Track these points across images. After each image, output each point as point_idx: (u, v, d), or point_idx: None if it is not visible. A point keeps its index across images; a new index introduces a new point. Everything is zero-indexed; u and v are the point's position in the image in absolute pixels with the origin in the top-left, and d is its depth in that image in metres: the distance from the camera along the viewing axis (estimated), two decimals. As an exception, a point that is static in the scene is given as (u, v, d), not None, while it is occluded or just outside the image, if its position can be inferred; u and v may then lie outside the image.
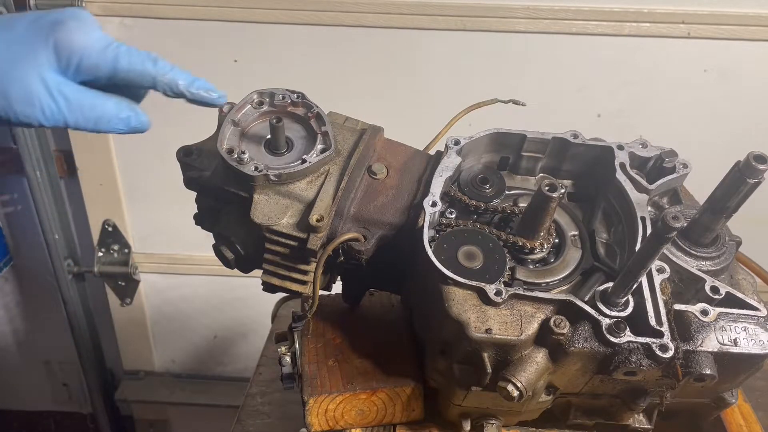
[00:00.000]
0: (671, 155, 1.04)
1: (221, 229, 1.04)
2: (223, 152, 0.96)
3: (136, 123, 0.88)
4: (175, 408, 2.72)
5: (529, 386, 0.86)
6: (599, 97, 1.94)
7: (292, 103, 1.04)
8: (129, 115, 0.87)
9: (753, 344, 0.89)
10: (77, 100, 0.83)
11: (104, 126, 0.86)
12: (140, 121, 0.89)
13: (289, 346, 1.05)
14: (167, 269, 2.41)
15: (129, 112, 0.87)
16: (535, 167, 1.09)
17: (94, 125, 0.85)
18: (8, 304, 2.61)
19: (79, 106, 0.83)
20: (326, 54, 1.93)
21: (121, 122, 0.87)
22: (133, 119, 0.88)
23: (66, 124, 0.84)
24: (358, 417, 1.03)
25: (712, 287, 0.92)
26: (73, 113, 0.83)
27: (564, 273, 0.97)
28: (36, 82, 0.80)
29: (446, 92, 1.93)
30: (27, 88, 0.80)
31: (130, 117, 0.87)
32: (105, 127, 0.86)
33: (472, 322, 0.86)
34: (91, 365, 2.62)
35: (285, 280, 1.01)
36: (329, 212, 0.96)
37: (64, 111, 0.83)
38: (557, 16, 1.81)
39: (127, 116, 0.87)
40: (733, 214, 0.94)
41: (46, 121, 0.82)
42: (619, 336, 0.85)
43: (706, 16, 1.79)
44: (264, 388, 1.43)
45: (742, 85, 1.89)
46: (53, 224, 2.27)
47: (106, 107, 0.85)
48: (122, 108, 0.86)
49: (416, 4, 1.83)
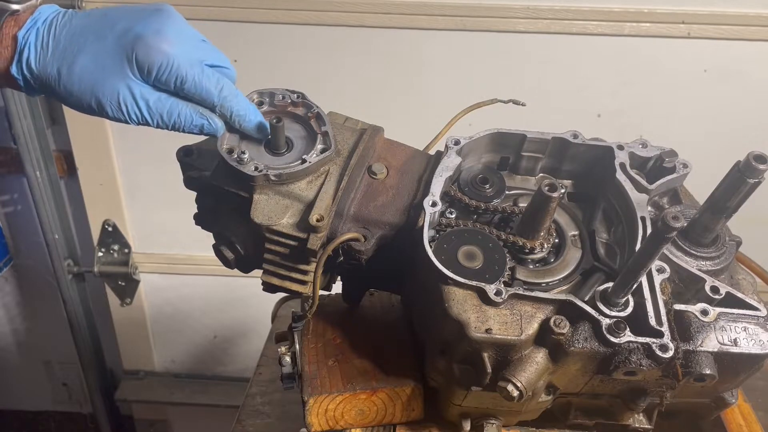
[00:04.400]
0: (671, 155, 1.04)
1: (221, 229, 1.04)
2: (223, 152, 0.96)
3: (209, 129, 0.96)
4: (175, 408, 2.72)
5: (529, 386, 0.86)
6: (599, 97, 1.94)
7: (292, 103, 1.04)
8: (202, 123, 0.95)
9: (753, 344, 0.89)
10: (157, 107, 0.92)
11: (180, 129, 0.95)
12: (213, 128, 0.96)
13: (289, 346, 1.05)
14: (167, 269, 2.41)
15: (202, 120, 0.95)
16: (535, 167, 1.09)
17: (173, 128, 0.95)
18: (8, 304, 2.61)
19: (158, 112, 0.93)
20: (326, 54, 1.93)
21: (195, 128, 0.95)
22: (207, 127, 0.95)
23: (149, 125, 0.94)
24: (358, 417, 1.03)
25: (712, 287, 0.92)
26: (153, 117, 0.93)
27: (564, 273, 0.97)
28: (123, 91, 0.90)
29: (446, 92, 1.93)
30: (116, 95, 0.90)
31: (203, 125, 0.95)
32: (181, 129, 0.95)
33: (472, 322, 0.86)
34: (91, 365, 2.62)
35: (285, 280, 1.01)
36: (329, 212, 0.96)
37: (146, 115, 0.92)
38: (557, 16, 1.81)
39: (201, 123, 0.95)
40: (733, 214, 0.94)
41: (132, 122, 0.93)
42: (619, 336, 0.85)
43: (706, 16, 1.79)
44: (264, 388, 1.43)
45: (742, 85, 1.88)
46: (53, 224, 2.27)
47: (182, 114, 0.94)
48: (195, 116, 0.94)
49: (416, 4, 1.83)
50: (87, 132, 2.13)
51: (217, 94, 0.94)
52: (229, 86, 0.95)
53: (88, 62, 0.90)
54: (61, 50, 0.91)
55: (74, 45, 0.91)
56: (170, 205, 2.22)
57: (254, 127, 0.98)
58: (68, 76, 0.90)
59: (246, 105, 0.97)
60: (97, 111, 0.92)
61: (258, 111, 0.99)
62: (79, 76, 0.90)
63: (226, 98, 0.94)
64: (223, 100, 0.94)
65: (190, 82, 0.91)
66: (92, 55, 0.90)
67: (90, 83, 0.90)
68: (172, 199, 2.18)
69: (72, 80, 0.90)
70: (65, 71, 0.90)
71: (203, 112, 0.95)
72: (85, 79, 0.90)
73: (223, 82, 0.94)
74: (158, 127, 0.95)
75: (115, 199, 2.26)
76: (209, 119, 0.95)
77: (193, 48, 0.93)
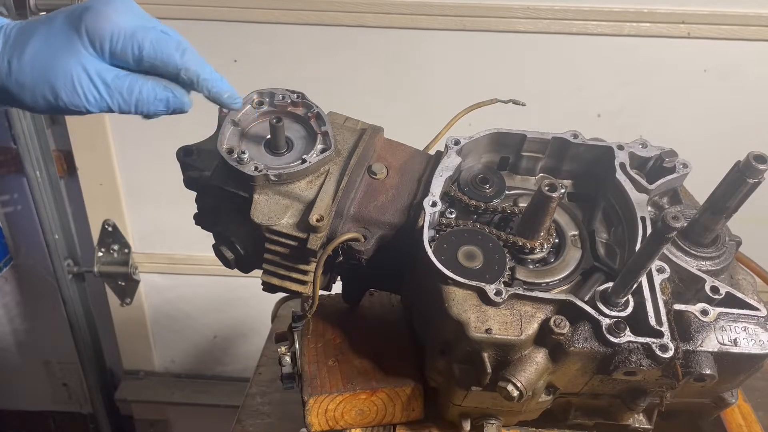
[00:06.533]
0: (671, 155, 1.04)
1: (221, 229, 1.04)
2: (223, 152, 0.96)
3: (175, 104, 0.88)
4: (175, 408, 2.71)
5: (529, 386, 0.86)
6: (599, 97, 1.94)
7: (292, 103, 1.04)
8: (167, 96, 0.87)
9: (753, 344, 0.89)
10: (116, 85, 0.84)
11: (145, 108, 0.87)
12: (180, 102, 0.89)
13: (289, 346, 1.05)
14: (167, 269, 2.41)
15: (166, 93, 0.87)
16: (535, 167, 1.09)
17: (136, 108, 0.87)
18: (8, 304, 2.61)
19: (118, 91, 0.85)
20: (326, 54, 1.93)
21: (160, 103, 0.87)
22: (172, 100, 0.88)
23: (110, 108, 0.86)
24: (358, 417, 1.03)
25: (712, 287, 0.92)
26: (113, 98, 0.85)
27: (564, 273, 0.97)
28: (77, 71, 0.83)
29: (446, 92, 1.94)
30: (69, 77, 0.83)
31: (168, 98, 0.87)
32: (146, 109, 0.87)
33: (472, 322, 0.86)
34: (91, 365, 2.62)
35: (285, 280, 1.01)
36: (329, 212, 0.96)
37: (105, 96, 0.85)
38: (557, 16, 1.81)
39: (165, 97, 0.87)
40: (733, 214, 0.94)
41: (91, 107, 0.85)
42: (619, 336, 0.85)
43: (706, 16, 1.79)
44: (264, 388, 1.43)
45: (742, 85, 1.89)
46: (53, 224, 2.27)
47: (144, 90, 0.86)
48: (158, 90, 0.87)
49: (416, 4, 1.83)
50: (87, 132, 2.13)
51: (180, 57, 0.86)
52: (192, 51, 0.88)
53: (38, 46, 0.83)
54: (11, 44, 0.84)
55: (24, 35, 0.84)
56: (170, 205, 2.22)
57: (224, 95, 0.90)
58: (18, 66, 0.83)
59: (212, 71, 0.89)
60: (53, 102, 0.84)
61: (225, 81, 0.91)
62: (31, 63, 0.83)
63: (189, 61, 0.87)
64: (186, 63, 0.86)
65: (148, 47, 0.84)
66: (42, 37, 0.83)
67: (41, 69, 0.83)
68: (172, 199, 2.18)
69: (23, 69, 0.83)
70: (15, 62, 0.83)
71: (167, 84, 0.87)
72: (37, 65, 0.83)
73: (185, 45, 0.87)
74: (120, 110, 0.87)
75: (115, 199, 2.26)
76: (173, 91, 0.88)
77: (145, 19, 0.87)
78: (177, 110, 0.90)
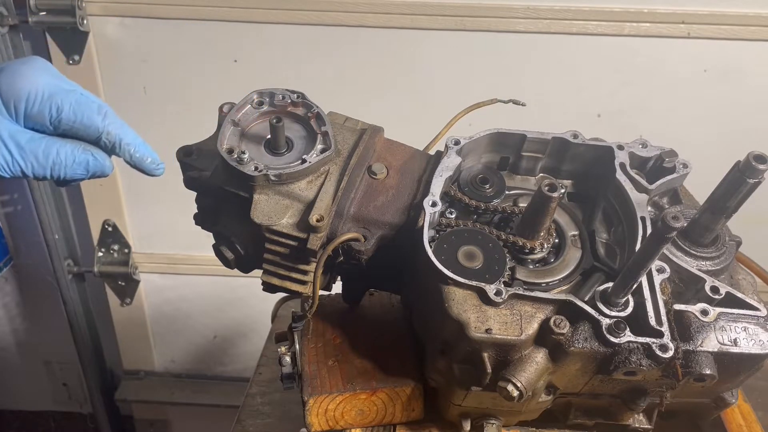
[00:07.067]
0: (671, 155, 1.04)
1: (221, 229, 1.04)
2: (223, 152, 0.96)
3: (95, 167, 0.84)
4: (175, 408, 2.72)
5: (529, 386, 0.86)
6: (599, 97, 1.94)
7: (292, 103, 1.04)
8: (86, 159, 0.83)
9: (753, 344, 0.89)
10: (30, 148, 0.79)
11: (61, 171, 0.82)
12: (101, 165, 0.84)
13: (289, 346, 1.05)
14: (167, 269, 2.41)
15: (86, 156, 0.83)
16: (535, 167, 1.09)
17: (51, 172, 0.82)
18: (8, 304, 2.61)
19: (32, 153, 0.80)
20: (326, 54, 1.93)
21: (79, 167, 0.83)
22: (92, 163, 0.84)
23: (23, 172, 0.81)
24: (358, 417, 1.03)
25: (712, 287, 0.92)
26: (27, 160, 0.80)
27: (564, 273, 0.97)
28: None
29: (446, 92, 1.93)
30: None
31: (89, 161, 0.83)
32: (63, 172, 0.83)
33: (472, 322, 0.86)
34: (91, 365, 2.62)
35: (285, 280, 1.01)
36: (329, 212, 0.96)
37: (18, 159, 0.79)
38: (557, 16, 1.81)
39: (85, 160, 0.83)
40: (733, 214, 0.94)
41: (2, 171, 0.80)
42: (619, 336, 0.85)
43: (706, 16, 1.79)
44: (264, 388, 1.43)
45: (742, 85, 1.88)
46: (53, 224, 2.27)
47: (61, 152, 0.81)
48: (77, 152, 0.82)
49: (416, 4, 1.83)
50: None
51: (101, 120, 0.82)
52: (113, 114, 0.84)
53: None
54: None
55: None
56: (170, 205, 2.21)
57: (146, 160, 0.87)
58: None
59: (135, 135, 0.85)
60: None
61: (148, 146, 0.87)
62: None
63: (111, 124, 0.83)
64: (108, 126, 0.82)
65: (67, 109, 0.79)
66: None
67: None
68: (172, 199, 2.17)
69: None
70: None
71: (86, 147, 0.83)
72: None
73: (106, 108, 0.83)
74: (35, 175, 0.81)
75: (115, 199, 2.26)
76: (93, 153, 0.83)
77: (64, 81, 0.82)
78: (97, 174, 0.85)
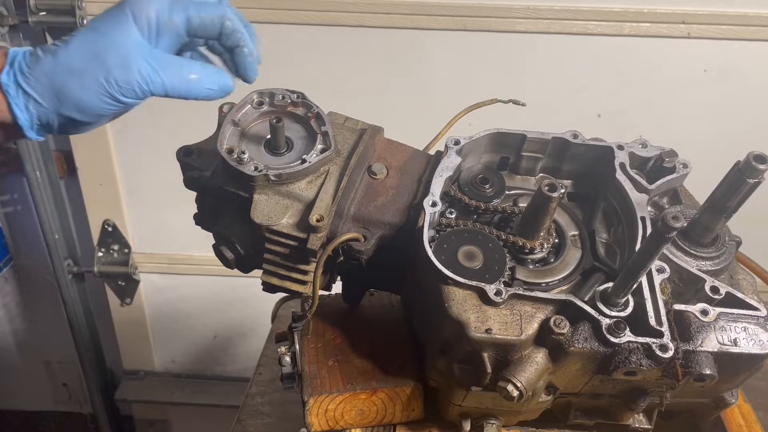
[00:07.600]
0: (671, 155, 1.04)
1: (221, 229, 1.04)
2: (223, 152, 0.96)
3: (223, 84, 0.90)
4: (175, 408, 2.72)
5: (529, 386, 0.86)
6: (599, 97, 1.94)
7: (292, 103, 1.04)
8: (218, 74, 0.89)
9: (753, 344, 0.89)
10: (168, 63, 0.85)
11: (196, 87, 0.88)
12: (227, 84, 0.91)
13: (289, 346, 1.05)
14: (167, 269, 2.41)
15: (216, 72, 0.89)
16: (535, 167, 1.09)
17: (187, 88, 0.88)
18: (8, 304, 2.61)
19: (170, 68, 0.85)
20: (326, 54, 1.93)
21: (213, 83, 0.89)
22: (222, 80, 0.90)
23: (163, 86, 0.86)
24: (358, 417, 1.03)
25: (712, 287, 0.92)
26: (168, 74, 0.85)
27: (564, 273, 0.97)
28: (129, 47, 0.83)
29: (446, 92, 1.94)
30: (122, 52, 0.82)
31: (220, 77, 0.89)
32: (197, 87, 0.88)
33: (472, 322, 0.86)
34: (91, 365, 2.62)
35: (285, 280, 1.01)
36: (329, 212, 0.96)
37: (159, 72, 0.85)
38: (557, 16, 1.81)
39: (217, 75, 0.89)
40: (733, 214, 0.94)
41: (144, 83, 0.84)
42: (619, 336, 0.85)
43: (706, 16, 1.79)
44: (264, 388, 1.43)
45: (742, 85, 1.89)
46: (53, 224, 2.27)
47: (194, 68, 0.88)
48: (208, 69, 0.89)
49: (416, 4, 1.83)
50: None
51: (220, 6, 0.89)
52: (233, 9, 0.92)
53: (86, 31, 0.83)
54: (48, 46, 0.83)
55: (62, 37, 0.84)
56: (170, 205, 2.22)
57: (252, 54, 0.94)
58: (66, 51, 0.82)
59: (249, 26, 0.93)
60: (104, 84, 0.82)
61: None
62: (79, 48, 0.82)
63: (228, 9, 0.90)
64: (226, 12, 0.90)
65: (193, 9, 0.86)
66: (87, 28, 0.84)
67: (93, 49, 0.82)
68: (172, 199, 2.18)
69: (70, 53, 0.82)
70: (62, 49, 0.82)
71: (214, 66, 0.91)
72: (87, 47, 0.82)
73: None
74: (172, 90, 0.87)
75: (115, 199, 2.26)
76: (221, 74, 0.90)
77: None
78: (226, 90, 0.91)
